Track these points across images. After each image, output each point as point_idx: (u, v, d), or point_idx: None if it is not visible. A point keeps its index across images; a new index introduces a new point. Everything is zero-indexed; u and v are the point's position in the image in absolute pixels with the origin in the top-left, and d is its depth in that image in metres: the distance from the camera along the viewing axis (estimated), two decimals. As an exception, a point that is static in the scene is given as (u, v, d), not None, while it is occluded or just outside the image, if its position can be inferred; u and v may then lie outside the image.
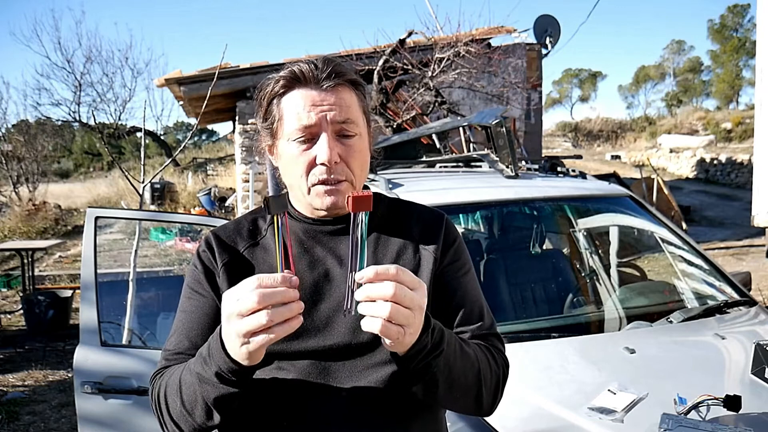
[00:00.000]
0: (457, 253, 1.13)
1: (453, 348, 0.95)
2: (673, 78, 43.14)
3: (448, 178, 3.30)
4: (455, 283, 1.11)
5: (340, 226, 1.09)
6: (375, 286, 0.82)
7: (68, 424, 3.94)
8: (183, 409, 0.96)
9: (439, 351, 0.91)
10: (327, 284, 1.06)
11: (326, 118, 1.02)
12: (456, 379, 0.96)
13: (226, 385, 0.90)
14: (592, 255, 3.14)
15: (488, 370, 1.03)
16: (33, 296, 6.10)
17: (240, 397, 0.93)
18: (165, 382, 1.01)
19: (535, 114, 10.94)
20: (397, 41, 6.68)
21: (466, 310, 1.09)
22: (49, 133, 17.09)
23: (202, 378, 0.91)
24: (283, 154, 1.07)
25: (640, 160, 18.98)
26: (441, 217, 1.16)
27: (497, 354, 1.08)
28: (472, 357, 1.00)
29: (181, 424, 0.99)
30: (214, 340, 0.90)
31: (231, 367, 0.88)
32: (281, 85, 1.04)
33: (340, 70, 1.04)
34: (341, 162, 1.03)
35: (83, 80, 17.33)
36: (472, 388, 1.00)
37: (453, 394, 0.98)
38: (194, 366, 0.94)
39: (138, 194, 3.82)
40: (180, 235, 8.49)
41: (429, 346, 0.89)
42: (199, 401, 0.94)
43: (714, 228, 11.46)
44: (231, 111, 10.41)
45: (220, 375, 0.89)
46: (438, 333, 0.91)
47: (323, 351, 1.02)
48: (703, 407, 1.68)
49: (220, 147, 25.85)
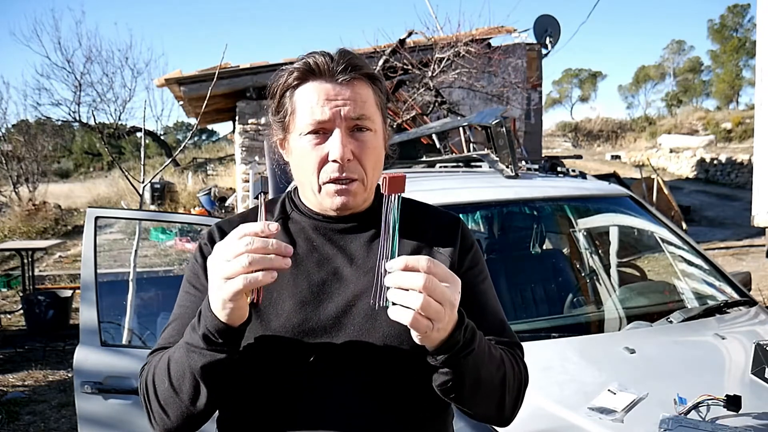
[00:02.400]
0: (474, 259, 1.10)
1: (483, 348, 0.92)
2: (673, 78, 43.14)
3: (448, 178, 3.30)
4: (475, 290, 1.07)
5: (352, 224, 1.06)
6: (407, 275, 0.79)
7: (68, 424, 3.94)
8: (170, 387, 0.94)
9: (470, 350, 0.88)
10: (335, 283, 1.02)
11: (340, 113, 0.98)
12: (482, 381, 0.93)
13: (213, 349, 0.88)
14: (592, 255, 3.14)
15: (512, 376, 1.00)
16: (33, 296, 6.10)
17: (227, 367, 0.90)
18: (153, 366, 0.99)
19: (535, 114, 10.94)
20: (397, 41, 6.68)
21: (489, 318, 1.06)
22: (49, 133, 17.07)
23: (190, 346, 0.90)
24: (295, 149, 1.03)
25: (640, 160, 18.98)
26: (457, 220, 1.13)
27: (520, 362, 1.05)
28: (499, 360, 0.97)
29: (168, 409, 0.96)
30: (204, 304, 0.90)
31: (217, 324, 0.86)
32: (295, 77, 1.01)
33: (357, 63, 1.01)
34: (354, 159, 1.00)
35: (83, 80, 17.34)
36: (497, 392, 0.97)
37: (477, 396, 0.95)
38: (184, 337, 0.93)
39: (138, 194, 3.83)
40: (180, 235, 8.50)
41: (461, 343, 0.87)
42: (186, 375, 0.91)
43: (714, 228, 11.46)
44: (231, 111, 10.41)
45: (206, 337, 0.88)
46: (470, 331, 0.89)
47: (330, 350, 0.98)
48: (703, 407, 1.68)
49: (220, 147, 25.84)
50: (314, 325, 0.99)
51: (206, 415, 0.97)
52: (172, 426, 0.98)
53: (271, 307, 1.00)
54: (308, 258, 1.04)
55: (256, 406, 1.02)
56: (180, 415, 0.96)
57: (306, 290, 1.02)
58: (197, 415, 0.95)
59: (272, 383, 1.00)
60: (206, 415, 0.97)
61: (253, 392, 1.01)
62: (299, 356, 0.99)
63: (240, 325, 0.89)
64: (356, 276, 1.03)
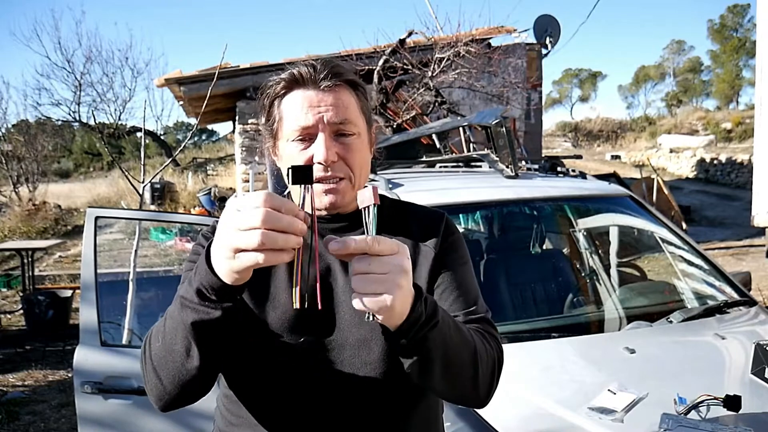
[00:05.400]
0: (454, 245, 1.14)
1: (447, 322, 0.93)
2: (673, 78, 43.16)
3: (448, 178, 3.30)
4: (451, 269, 1.11)
5: (342, 223, 1.10)
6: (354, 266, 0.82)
7: (68, 424, 3.94)
8: (163, 347, 0.93)
9: (434, 322, 0.88)
10: (328, 278, 1.06)
11: (323, 119, 1.03)
12: (452, 357, 0.93)
13: (207, 305, 0.86)
14: (592, 255, 3.15)
15: (484, 351, 1.00)
16: (33, 296, 6.10)
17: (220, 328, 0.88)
18: (152, 330, 0.99)
19: (535, 114, 10.93)
20: (397, 41, 6.67)
21: (460, 295, 1.09)
22: (49, 133, 17.08)
23: (184, 301, 0.89)
24: (283, 155, 1.08)
25: (640, 160, 18.99)
26: (441, 215, 1.18)
27: (491, 339, 1.06)
28: (467, 334, 0.98)
29: (161, 372, 0.96)
30: (201, 257, 0.87)
31: (213, 281, 0.85)
32: (281, 86, 1.06)
33: (338, 71, 1.05)
34: (339, 161, 1.04)
35: (83, 80, 17.34)
36: (469, 369, 0.97)
37: (450, 373, 0.95)
38: (179, 291, 0.92)
39: (138, 194, 3.83)
40: (180, 235, 8.50)
41: (423, 317, 0.87)
42: (179, 332, 0.90)
43: (714, 228, 11.47)
44: (231, 111, 10.41)
45: (200, 291, 0.86)
46: (431, 305, 0.89)
47: (322, 346, 1.03)
48: (703, 407, 1.68)
49: (220, 147, 25.86)
50: (309, 318, 1.02)
51: (199, 381, 0.96)
52: (165, 393, 0.98)
53: (269, 300, 1.05)
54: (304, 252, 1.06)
55: (251, 395, 1.06)
56: (172, 378, 0.95)
57: None
58: (189, 379, 0.94)
59: (267, 374, 1.03)
60: (199, 381, 0.96)
61: (248, 382, 1.06)
62: (294, 348, 1.02)
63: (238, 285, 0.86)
64: (345, 272, 1.06)
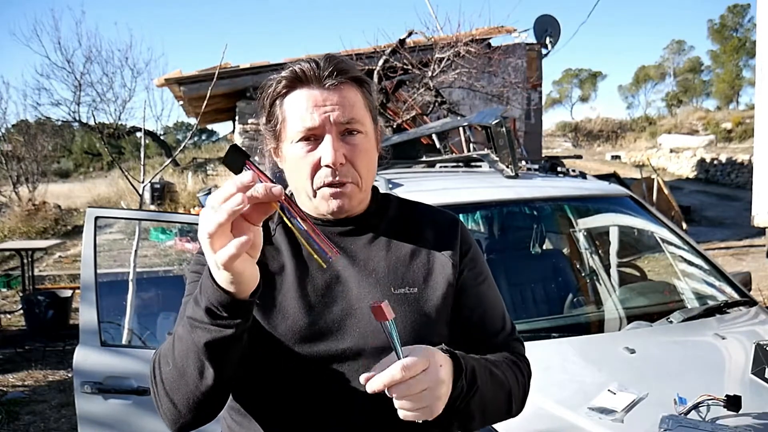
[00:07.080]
0: (474, 260, 1.12)
1: (485, 381, 0.96)
2: (673, 78, 43.16)
3: (448, 178, 3.31)
4: (476, 292, 1.10)
5: (350, 227, 1.07)
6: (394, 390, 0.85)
7: (68, 424, 3.94)
8: (175, 369, 0.90)
9: (474, 390, 0.93)
10: (338, 286, 1.03)
11: (329, 119, 0.98)
12: (489, 406, 0.99)
13: (218, 323, 0.83)
14: (592, 255, 3.14)
15: (516, 385, 1.05)
16: (33, 296, 6.09)
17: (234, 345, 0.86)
18: (160, 350, 0.95)
19: (535, 114, 10.94)
20: (397, 41, 6.67)
21: (488, 321, 1.10)
22: (49, 133, 17.03)
23: (194, 322, 0.85)
24: (288, 157, 1.03)
25: (640, 160, 18.98)
26: (456, 221, 1.14)
27: (521, 361, 1.09)
28: (502, 379, 1.01)
29: (174, 396, 0.91)
30: (204, 276, 0.84)
31: (221, 297, 0.81)
32: (283, 85, 1.01)
33: (343, 68, 1.01)
34: (347, 163, 1.00)
35: (83, 80, 17.26)
36: (504, 407, 1.04)
37: (487, 418, 1.01)
38: (186, 311, 0.88)
39: (138, 194, 3.83)
40: (180, 235, 8.48)
41: (465, 389, 0.91)
42: (191, 354, 0.87)
43: (714, 228, 11.46)
44: (231, 111, 10.41)
45: (210, 310, 0.83)
46: (470, 373, 0.93)
47: (335, 355, 0.99)
48: (703, 407, 1.68)
49: (220, 147, 25.84)
50: (320, 328, 0.99)
51: (214, 400, 0.94)
52: (181, 417, 0.94)
53: (278, 311, 1.00)
54: (310, 261, 1.04)
55: (262, 408, 1.02)
56: (187, 401, 0.91)
57: (311, 294, 1.02)
58: (204, 400, 0.91)
59: (280, 386, 1.00)
60: (214, 400, 0.94)
61: (260, 395, 1.01)
62: (306, 359, 0.99)
63: (248, 298, 0.84)
64: (358, 278, 1.03)
